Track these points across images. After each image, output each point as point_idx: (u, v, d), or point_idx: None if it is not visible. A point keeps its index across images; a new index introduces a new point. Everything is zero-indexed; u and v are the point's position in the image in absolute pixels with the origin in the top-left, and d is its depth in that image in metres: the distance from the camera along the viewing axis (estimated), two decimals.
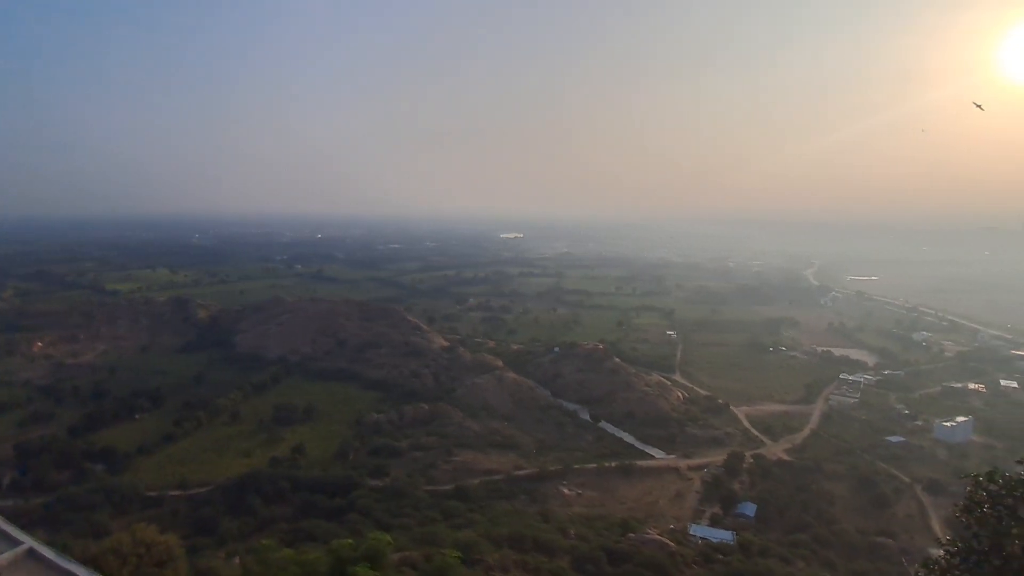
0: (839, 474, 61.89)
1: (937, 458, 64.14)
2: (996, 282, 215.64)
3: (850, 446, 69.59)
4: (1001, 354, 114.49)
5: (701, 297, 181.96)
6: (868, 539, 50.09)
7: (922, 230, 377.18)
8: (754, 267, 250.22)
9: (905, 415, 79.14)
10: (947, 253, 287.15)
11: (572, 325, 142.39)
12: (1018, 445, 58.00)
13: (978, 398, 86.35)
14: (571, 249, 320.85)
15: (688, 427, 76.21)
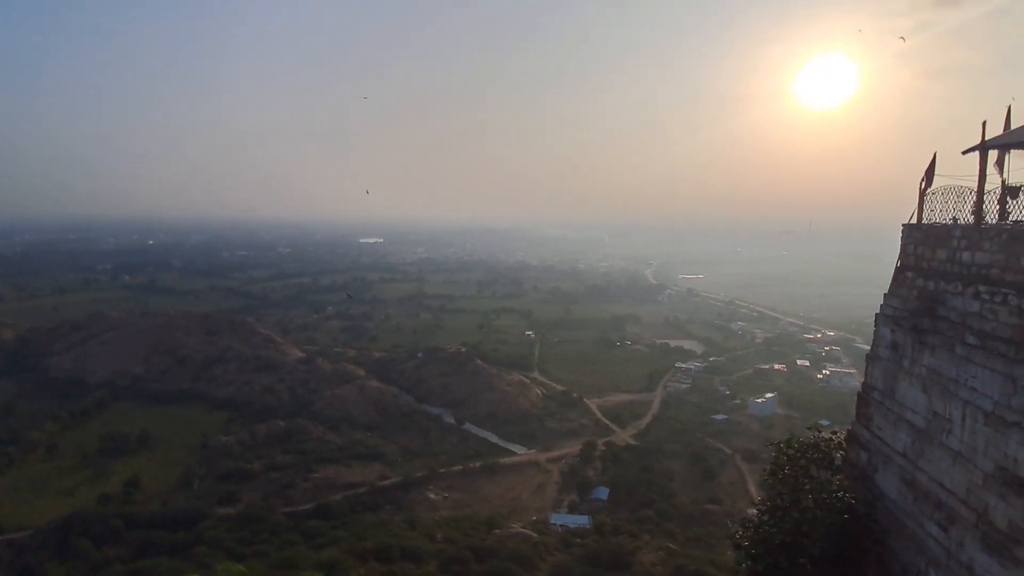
0: (676, 452, 68.80)
1: (752, 430, 73.67)
2: (792, 278, 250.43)
3: (684, 427, 77.61)
4: (796, 338, 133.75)
5: (556, 297, 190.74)
6: (700, 507, 56.42)
7: (737, 233, 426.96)
8: (601, 268, 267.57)
9: (727, 395, 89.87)
10: (756, 253, 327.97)
11: (435, 329, 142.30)
12: (811, 414, 68.43)
13: (781, 377, 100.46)
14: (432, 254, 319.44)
15: (547, 422, 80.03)
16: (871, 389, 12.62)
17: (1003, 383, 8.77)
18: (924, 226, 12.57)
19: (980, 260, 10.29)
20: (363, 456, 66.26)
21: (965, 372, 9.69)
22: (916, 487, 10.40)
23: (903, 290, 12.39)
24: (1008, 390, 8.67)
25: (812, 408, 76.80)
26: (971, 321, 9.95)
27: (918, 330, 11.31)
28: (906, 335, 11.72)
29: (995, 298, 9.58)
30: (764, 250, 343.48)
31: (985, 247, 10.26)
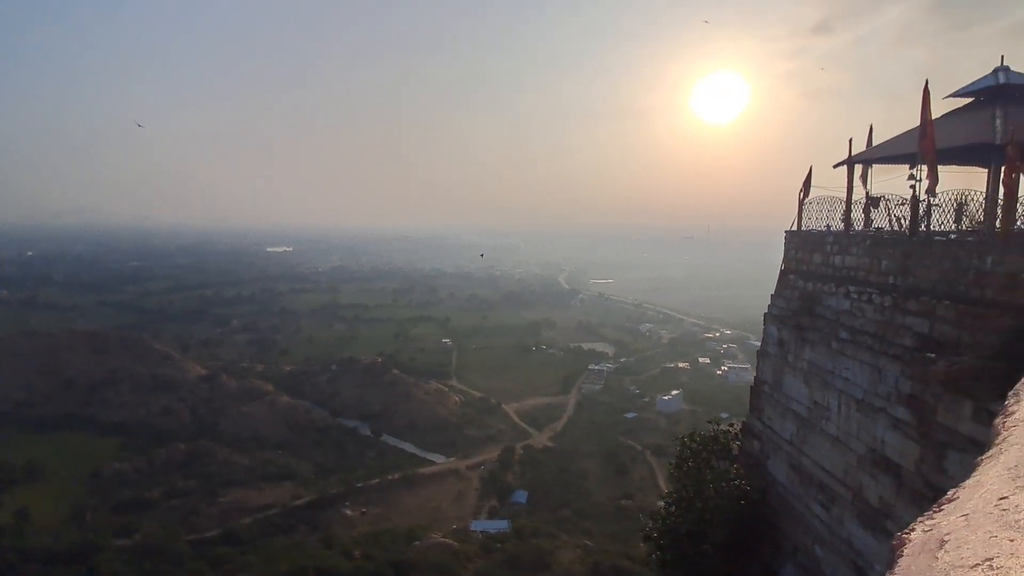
0: (591, 452, 70.65)
1: (660, 426, 76.97)
2: (693, 281, 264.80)
3: (598, 426, 79.88)
4: (698, 337, 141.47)
5: (473, 305, 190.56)
6: (615, 503, 58.21)
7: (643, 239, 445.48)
8: (517, 275, 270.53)
9: (636, 394, 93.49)
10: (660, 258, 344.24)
11: (350, 340, 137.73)
12: (712, 408, 72.41)
13: (685, 374, 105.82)
14: (346, 262, 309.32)
15: (466, 429, 79.68)
16: (762, 383, 13.58)
17: (870, 373, 9.69)
18: (803, 233, 13.71)
19: (849, 263, 11.36)
20: (274, 476, 62.87)
21: (839, 364, 10.64)
22: (802, 471, 11.28)
23: (786, 291, 13.44)
24: (875, 379, 9.59)
25: (713, 402, 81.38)
26: (843, 318, 10.95)
27: (800, 327, 12.31)
28: (790, 332, 12.72)
29: (862, 297, 10.60)
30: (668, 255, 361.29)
31: (853, 251, 11.34)
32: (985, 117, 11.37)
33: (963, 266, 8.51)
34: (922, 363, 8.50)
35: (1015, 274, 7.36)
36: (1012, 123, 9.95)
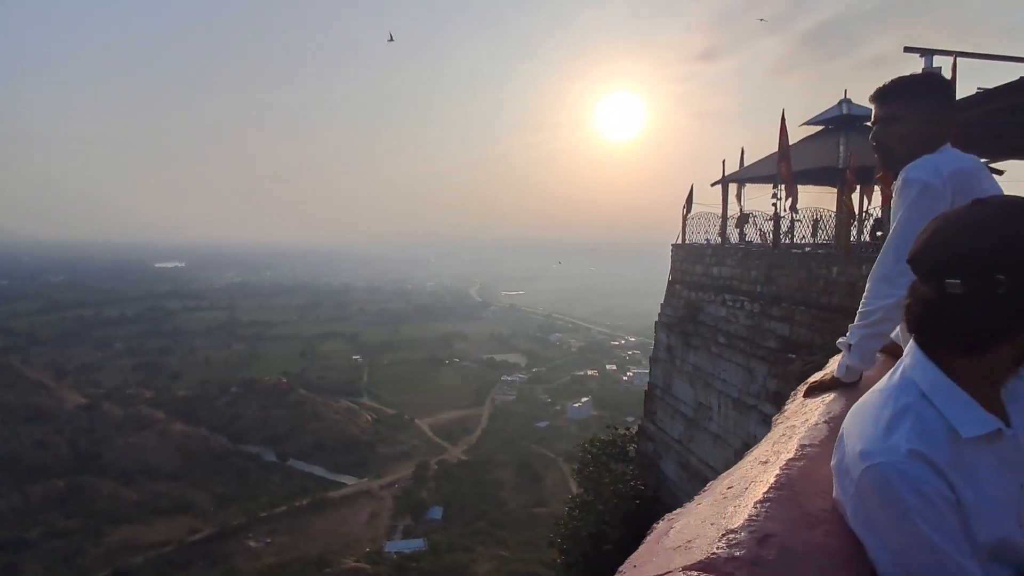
0: (505, 462, 71.06)
1: (571, 433, 78.84)
2: (599, 290, 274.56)
3: (512, 436, 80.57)
4: (605, 345, 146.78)
5: (384, 319, 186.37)
6: (529, 511, 58.80)
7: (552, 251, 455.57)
8: (428, 288, 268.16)
9: (548, 403, 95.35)
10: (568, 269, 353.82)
11: (251, 360, 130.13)
12: (620, 412, 75.23)
13: (593, 381, 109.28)
14: (245, 277, 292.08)
15: (378, 447, 77.63)
16: (654, 387, 14.46)
17: (743, 374, 10.62)
18: (686, 246, 14.79)
19: (725, 273, 12.39)
20: (168, 510, 58.07)
21: (718, 367, 11.56)
22: (689, 468, 12.11)
23: (673, 300, 14.42)
24: (747, 379, 10.51)
25: (620, 407, 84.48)
26: (721, 324, 11.92)
27: (685, 334, 13.25)
28: (677, 339, 13.66)
29: (736, 304, 11.60)
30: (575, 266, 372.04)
31: (728, 263, 12.39)
32: (832, 143, 12.88)
33: (815, 275, 9.57)
34: (783, 363, 9.47)
35: (853, 283, 8.42)
36: (852, 150, 11.36)
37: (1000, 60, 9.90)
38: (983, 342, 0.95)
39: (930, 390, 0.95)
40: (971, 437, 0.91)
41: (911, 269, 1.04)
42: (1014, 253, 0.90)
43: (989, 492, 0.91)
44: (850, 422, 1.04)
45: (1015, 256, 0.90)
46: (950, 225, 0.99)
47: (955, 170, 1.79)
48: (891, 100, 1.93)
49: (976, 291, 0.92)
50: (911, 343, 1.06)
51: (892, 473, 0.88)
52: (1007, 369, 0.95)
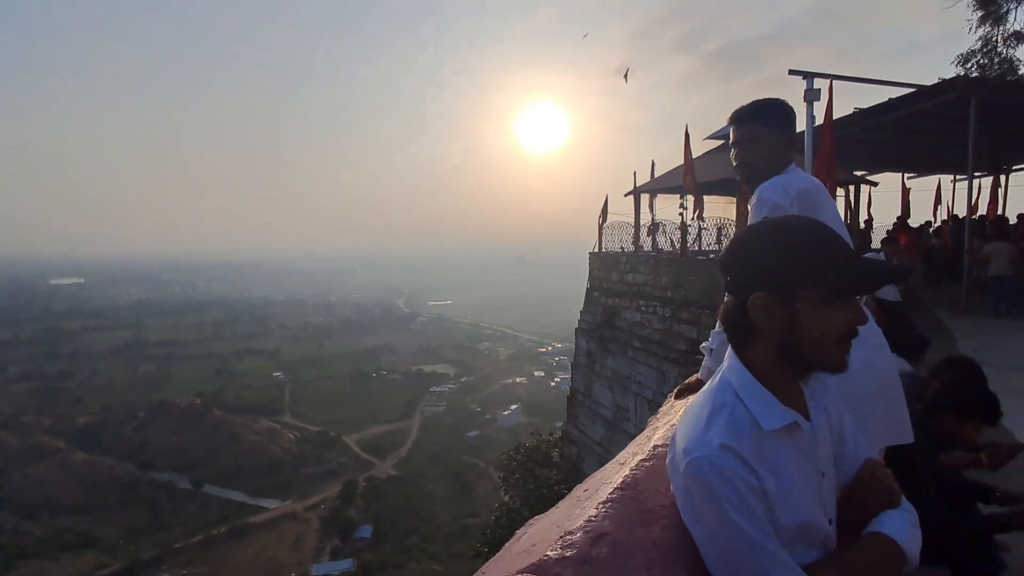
0: (436, 475, 70.12)
1: (501, 441, 78.79)
2: (526, 298, 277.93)
3: (442, 448, 79.70)
4: (533, 352, 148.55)
5: (307, 334, 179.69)
6: (461, 523, 58.24)
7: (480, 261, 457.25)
8: (354, 300, 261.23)
9: (478, 412, 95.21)
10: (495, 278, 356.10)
11: (161, 382, 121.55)
12: (549, 418, 76.09)
13: (523, 388, 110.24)
14: (152, 294, 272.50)
15: (302, 467, 74.57)
16: (576, 392, 14.79)
17: (657, 376, 11.06)
18: (603, 254, 15.27)
19: (638, 280, 12.89)
20: (72, 545, 53.34)
21: (634, 370, 11.99)
22: None
23: (592, 307, 14.83)
24: (660, 381, 10.95)
25: (549, 413, 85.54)
26: (636, 329, 12.38)
27: (603, 339, 13.66)
28: (596, 344, 14.05)
29: (649, 309, 12.08)
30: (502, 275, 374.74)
31: (641, 269, 12.90)
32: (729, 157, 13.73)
33: (719, 281, 10.12)
34: (692, 364, 9.96)
35: None
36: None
37: (872, 83, 10.91)
38: (740, 340, 1.11)
39: (741, 389, 1.05)
40: (772, 430, 1.01)
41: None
42: (753, 264, 1.07)
43: (791, 480, 1.01)
44: (680, 421, 1.12)
45: (752, 267, 1.07)
46: (735, 239, 1.15)
47: (801, 190, 1.99)
48: (749, 122, 2.12)
49: (735, 297, 1.10)
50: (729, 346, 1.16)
51: (706, 465, 0.96)
52: (784, 368, 1.07)
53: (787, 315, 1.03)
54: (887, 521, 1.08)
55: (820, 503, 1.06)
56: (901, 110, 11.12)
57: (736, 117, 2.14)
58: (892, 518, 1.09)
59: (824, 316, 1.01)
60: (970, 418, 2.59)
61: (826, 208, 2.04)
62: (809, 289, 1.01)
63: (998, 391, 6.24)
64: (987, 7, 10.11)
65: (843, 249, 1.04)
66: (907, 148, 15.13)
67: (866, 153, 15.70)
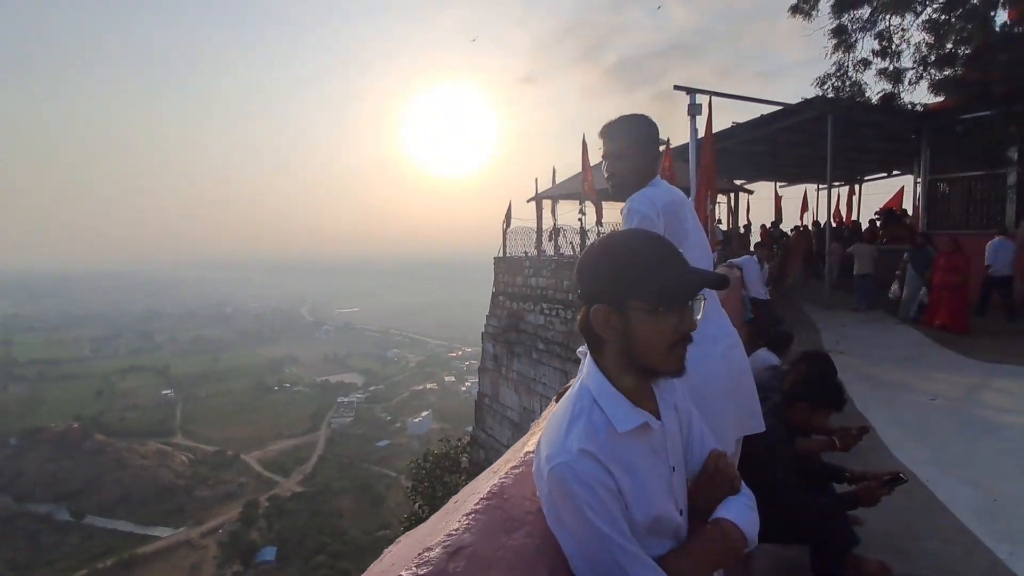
0: (345, 489, 67.60)
1: (412, 449, 77.46)
2: (435, 303, 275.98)
3: (351, 460, 77.05)
4: (443, 357, 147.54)
5: (200, 347, 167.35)
6: (372, 536, 56.49)
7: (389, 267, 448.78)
8: (253, 310, 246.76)
9: (388, 421, 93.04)
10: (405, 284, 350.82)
11: (33, 406, 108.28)
12: (460, 423, 75.81)
13: (433, 394, 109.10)
14: (20, 308, 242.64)
15: (197, 491, 69.27)
16: (483, 396, 14.81)
17: (560, 377, 11.30)
18: (507, 259, 15.41)
19: (541, 284, 13.13)
20: None
21: (539, 372, 12.19)
22: None
23: (498, 311, 14.93)
24: (563, 382, 11.20)
25: (460, 418, 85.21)
26: (540, 332, 12.59)
27: (509, 343, 13.78)
28: (502, 348, 14.15)
29: (552, 312, 12.33)
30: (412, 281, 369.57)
31: (544, 274, 13.15)
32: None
33: None
34: None
35: None
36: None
37: (747, 100, 11.82)
38: (593, 347, 1.17)
39: (597, 394, 1.12)
40: (625, 431, 1.09)
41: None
42: (593, 278, 1.14)
43: (644, 477, 1.09)
44: (544, 429, 1.16)
45: (593, 280, 1.14)
46: (583, 253, 1.22)
47: (667, 202, 2.09)
48: (616, 137, 2.19)
49: (586, 307, 1.18)
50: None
51: (567, 471, 1.01)
52: (631, 373, 1.13)
53: (623, 325, 1.10)
54: (729, 507, 1.18)
55: (671, 496, 1.14)
56: (771, 125, 12.15)
57: (605, 132, 2.22)
58: (733, 504, 1.19)
59: (654, 325, 1.08)
60: (821, 407, 2.83)
61: (688, 219, 2.15)
62: (638, 301, 1.08)
63: (853, 377, 6.94)
64: (839, 36, 11.27)
65: (667, 262, 1.10)
66: (778, 159, 16.55)
67: (744, 163, 17.00)
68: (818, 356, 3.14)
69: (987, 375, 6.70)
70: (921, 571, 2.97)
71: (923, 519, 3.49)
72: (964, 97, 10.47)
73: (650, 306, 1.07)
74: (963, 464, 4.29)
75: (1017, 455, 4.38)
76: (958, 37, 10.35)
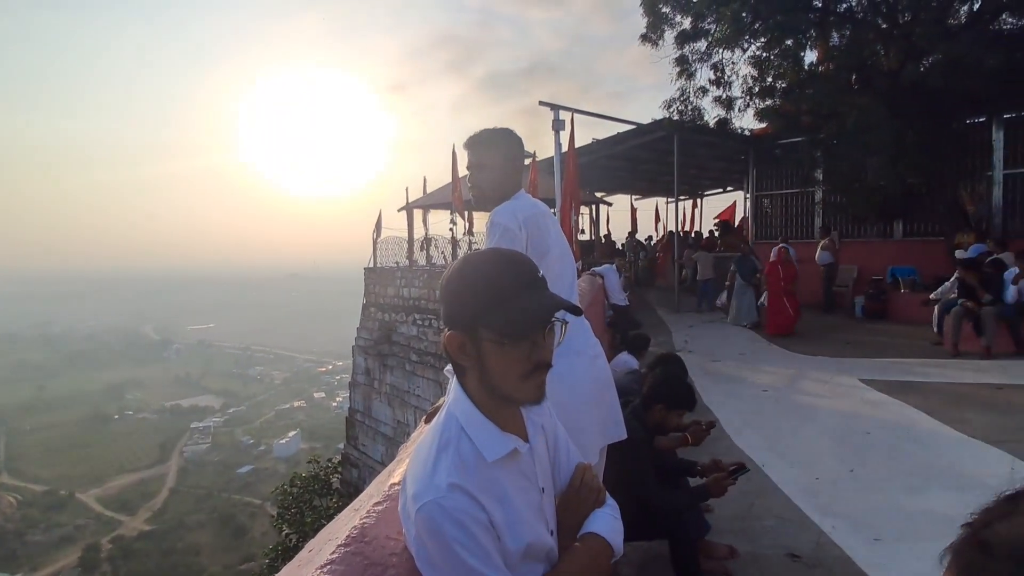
0: (202, 522, 61.32)
1: (279, 472, 72.35)
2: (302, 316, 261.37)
3: (208, 491, 70.09)
4: (312, 373, 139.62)
5: (22, 374, 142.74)
6: (235, 571, 51.80)
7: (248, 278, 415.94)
8: (85, 330, 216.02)
9: (251, 444, 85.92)
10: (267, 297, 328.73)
11: None
12: (331, 441, 72.19)
13: (301, 412, 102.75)
14: None
15: (28, 535, 59.09)
16: (355, 412, 14.19)
17: (434, 388, 11.14)
18: (378, 269, 14.97)
19: (414, 294, 12.90)
20: None
21: (413, 384, 11.94)
22: None
23: (369, 323, 14.43)
24: (438, 393, 11.06)
25: (331, 436, 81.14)
26: (413, 343, 12.34)
27: (381, 355, 13.35)
28: (374, 361, 13.67)
29: (425, 323, 12.14)
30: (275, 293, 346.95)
31: (416, 284, 12.93)
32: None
33: None
34: None
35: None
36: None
37: (604, 118, 12.57)
38: (457, 371, 1.12)
39: (464, 421, 1.06)
40: (494, 460, 1.03)
41: None
42: (448, 303, 1.10)
43: (515, 505, 1.04)
44: (410, 462, 1.09)
45: (448, 305, 1.10)
46: (444, 275, 1.17)
47: (528, 215, 2.09)
48: (480, 149, 2.16)
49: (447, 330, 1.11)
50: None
51: (436, 509, 0.95)
52: (493, 399, 1.08)
53: (476, 353, 1.05)
54: (595, 520, 1.17)
55: (543, 519, 1.11)
56: (626, 143, 13.04)
57: (468, 144, 2.19)
58: (599, 517, 1.17)
59: (503, 356, 1.03)
60: (676, 407, 3.02)
61: (551, 231, 2.17)
62: (487, 331, 1.03)
63: (700, 373, 7.56)
64: (682, 65, 12.38)
65: (518, 289, 1.04)
66: (634, 174, 17.83)
67: (603, 177, 18.09)
68: (671, 360, 3.36)
69: (805, 367, 7.67)
70: (762, 549, 3.27)
71: (762, 501, 3.87)
72: (781, 125, 12.01)
73: (497, 337, 1.02)
74: (790, 447, 4.84)
75: (831, 436, 5.03)
76: (776, 72, 11.88)
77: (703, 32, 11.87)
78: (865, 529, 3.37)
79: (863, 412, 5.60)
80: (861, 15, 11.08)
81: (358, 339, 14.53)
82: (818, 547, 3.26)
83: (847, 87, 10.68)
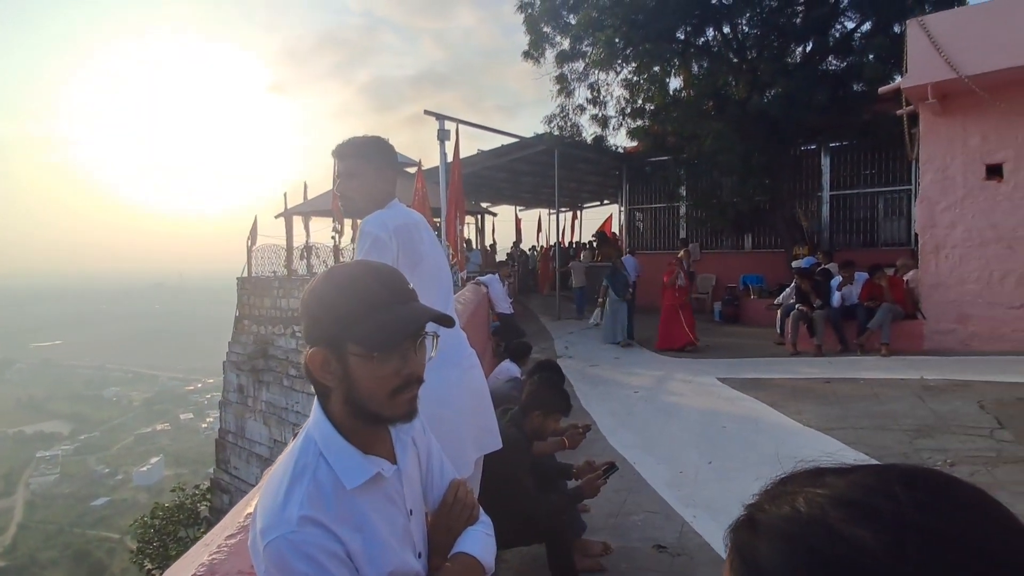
0: (54, 560, 53.45)
1: (140, 503, 64.81)
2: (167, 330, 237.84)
3: (60, 526, 61.28)
4: (178, 392, 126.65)
5: None
6: None
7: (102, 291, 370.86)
8: None
9: (107, 474, 76.28)
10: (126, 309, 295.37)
11: None
12: (201, 466, 65.98)
13: (165, 436, 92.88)
14: None
15: None
16: (226, 433, 13.09)
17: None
18: (253, 278, 13.97)
19: (293, 305, 12.18)
20: None
21: (291, 400, 11.24)
22: None
23: (242, 336, 13.40)
24: None
25: (201, 460, 74.28)
26: (291, 356, 11.63)
27: (256, 371, 12.45)
28: (248, 377, 12.71)
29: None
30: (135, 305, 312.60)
31: (295, 294, 12.21)
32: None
33: None
34: None
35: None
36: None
37: (489, 131, 12.72)
38: (319, 392, 1.04)
39: (323, 446, 0.98)
40: (355, 487, 0.96)
41: None
42: (310, 318, 1.01)
43: (376, 532, 0.97)
44: (262, 492, 1.01)
45: (310, 321, 1.02)
46: (305, 290, 1.09)
47: (399, 224, 2.03)
48: (348, 157, 2.07)
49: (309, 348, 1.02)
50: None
51: (285, 546, 0.88)
52: (359, 420, 1.00)
53: (342, 370, 0.98)
54: (467, 539, 1.11)
55: (410, 543, 1.04)
56: (510, 155, 13.31)
57: (337, 152, 2.10)
58: (471, 535, 1.12)
59: (371, 371, 0.97)
60: (552, 413, 3.09)
61: (425, 241, 2.13)
62: (353, 345, 0.96)
63: (578, 377, 7.82)
64: (561, 83, 12.90)
65: (386, 300, 0.98)
66: (517, 186, 18.24)
67: (488, 188, 18.33)
68: (548, 366, 3.44)
69: (672, 368, 8.25)
70: (632, 543, 3.43)
71: (632, 496, 4.07)
72: (650, 144, 12.91)
73: (365, 351, 0.96)
74: (658, 444, 5.16)
75: (691, 432, 5.43)
76: (645, 95, 12.77)
77: (580, 53, 12.48)
78: (721, 516, 3.65)
79: (720, 408, 6.11)
80: (716, 49, 12.25)
81: (230, 354, 13.42)
82: (681, 536, 3.48)
83: (705, 113, 11.73)
